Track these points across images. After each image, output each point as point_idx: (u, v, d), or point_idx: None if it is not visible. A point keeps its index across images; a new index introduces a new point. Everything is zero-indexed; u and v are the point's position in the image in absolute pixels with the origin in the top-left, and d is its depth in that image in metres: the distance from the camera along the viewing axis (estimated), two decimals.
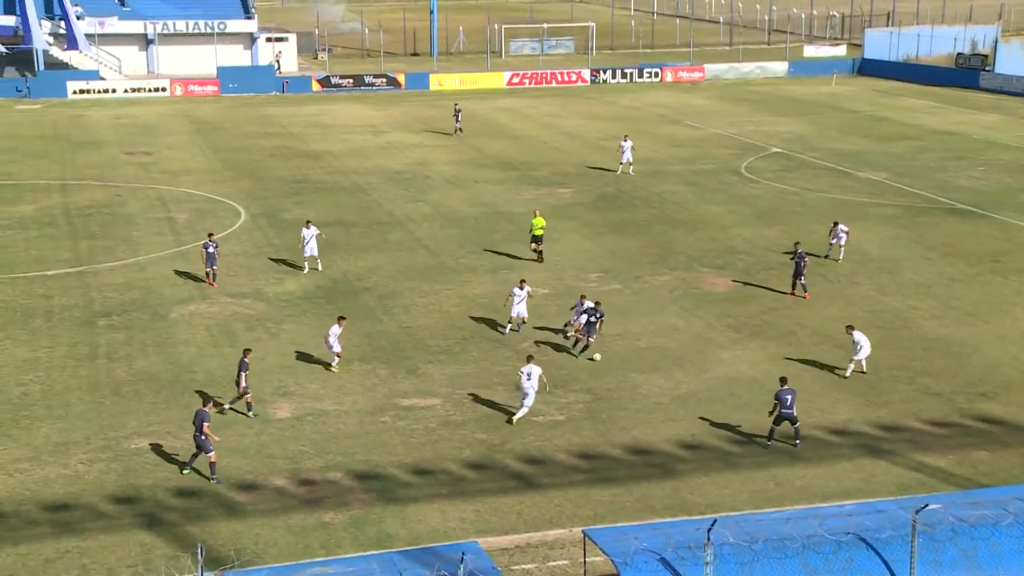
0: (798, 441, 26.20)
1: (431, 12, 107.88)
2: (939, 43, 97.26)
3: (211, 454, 24.64)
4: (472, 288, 38.39)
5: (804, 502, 23.21)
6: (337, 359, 30.95)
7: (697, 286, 38.36)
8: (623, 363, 31.56)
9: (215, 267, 38.51)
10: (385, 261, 41.60)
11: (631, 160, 56.23)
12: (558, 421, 27.92)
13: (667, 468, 25.42)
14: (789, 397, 25.83)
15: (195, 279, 38.88)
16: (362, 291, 38.09)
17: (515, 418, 27.74)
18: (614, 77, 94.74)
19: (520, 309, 33.60)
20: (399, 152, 63.50)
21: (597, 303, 32.36)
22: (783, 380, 26.42)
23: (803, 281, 36.65)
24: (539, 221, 40.90)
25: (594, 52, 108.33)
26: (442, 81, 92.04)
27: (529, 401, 27.69)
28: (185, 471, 24.93)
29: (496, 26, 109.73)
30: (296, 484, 24.68)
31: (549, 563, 21.53)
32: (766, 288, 37.89)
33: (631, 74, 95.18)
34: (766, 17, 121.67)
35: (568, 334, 33.02)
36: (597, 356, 31.68)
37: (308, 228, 39.86)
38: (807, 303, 36.27)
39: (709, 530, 17.46)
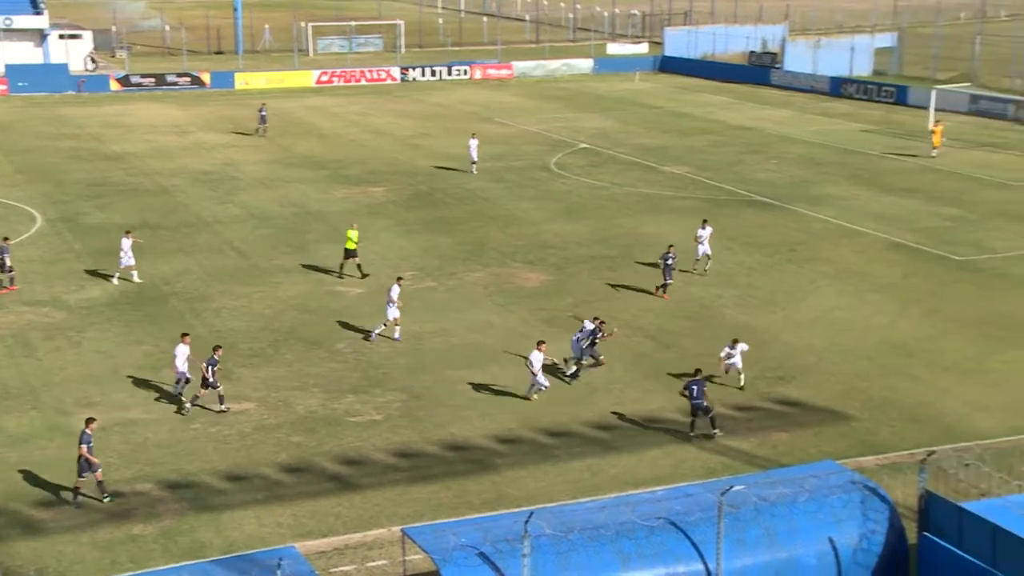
0: (716, 432, 26.45)
1: (235, 10, 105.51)
2: (733, 41, 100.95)
3: (97, 472, 23.29)
4: (285, 289, 37.78)
5: (618, 490, 23.73)
6: (185, 386, 28.69)
7: (510, 281, 38.74)
8: (439, 360, 31.60)
9: (3, 273, 36.72)
10: (194, 264, 40.50)
11: (475, 159, 56.02)
12: (375, 421, 27.76)
13: (485, 463, 25.59)
14: (695, 387, 26.23)
15: None
16: (170, 296, 36.99)
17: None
18: (423, 75, 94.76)
19: (394, 311, 32.82)
20: (206, 152, 61.93)
21: (599, 322, 30.64)
22: (696, 372, 26.92)
23: (668, 282, 36.82)
24: (354, 234, 38.90)
25: (403, 50, 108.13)
26: (248, 80, 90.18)
27: (538, 381, 28.28)
28: (74, 500, 23.41)
29: (303, 24, 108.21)
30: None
31: (368, 564, 21.38)
32: (578, 282, 38.56)
33: (440, 72, 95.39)
34: (571, 15, 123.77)
35: (567, 372, 30.32)
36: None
37: (127, 238, 38.30)
38: (619, 296, 37.06)
39: (526, 522, 17.65)
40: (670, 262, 36.63)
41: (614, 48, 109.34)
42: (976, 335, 32.92)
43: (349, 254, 38.85)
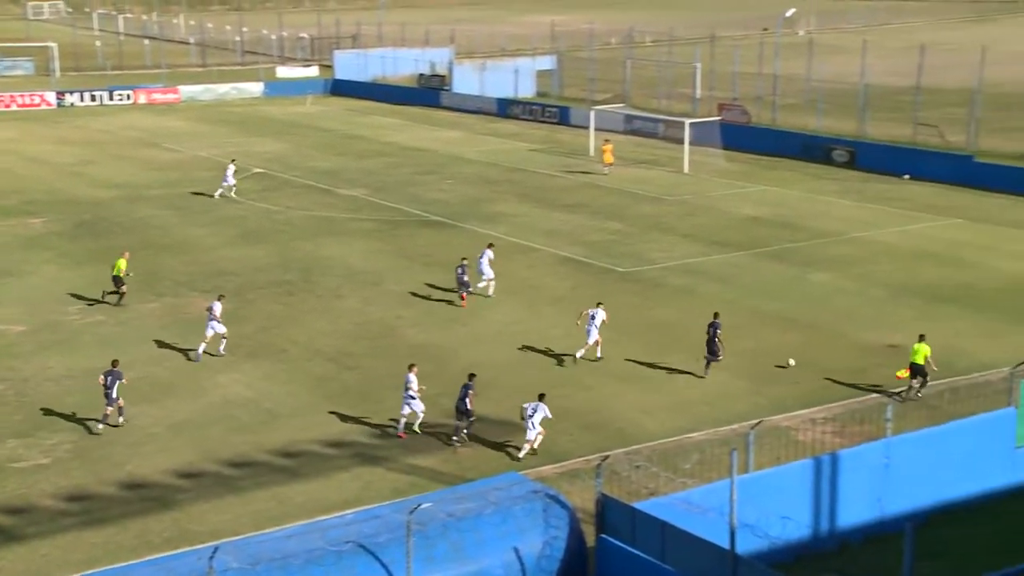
0: (456, 439, 27.33)
1: None
2: (402, 64, 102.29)
3: None
4: None
5: (306, 517, 23.37)
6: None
7: (187, 311, 37.47)
8: None
9: None
10: None
11: (235, 183, 54.67)
12: (42, 465, 26.06)
13: (165, 500, 24.58)
14: (462, 391, 27.30)
15: None
16: None
17: (416, 424, 27.97)
18: (82, 100, 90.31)
19: (220, 326, 33.24)
20: None
21: (716, 314, 32.44)
22: (470, 376, 27.97)
23: (469, 290, 38.10)
24: (122, 263, 37.94)
25: (58, 74, 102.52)
26: None
27: (410, 409, 27.71)
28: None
29: None
30: None
31: None
32: (258, 307, 37.81)
33: (101, 96, 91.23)
34: (237, 38, 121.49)
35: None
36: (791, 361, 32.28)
37: None
38: (301, 320, 36.61)
39: (211, 558, 17.09)
40: (465, 278, 38.02)
41: (284, 71, 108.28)
42: (640, 342, 34.82)
43: (117, 282, 37.64)
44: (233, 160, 57.65)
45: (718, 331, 31.84)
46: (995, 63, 73.31)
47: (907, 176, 59.57)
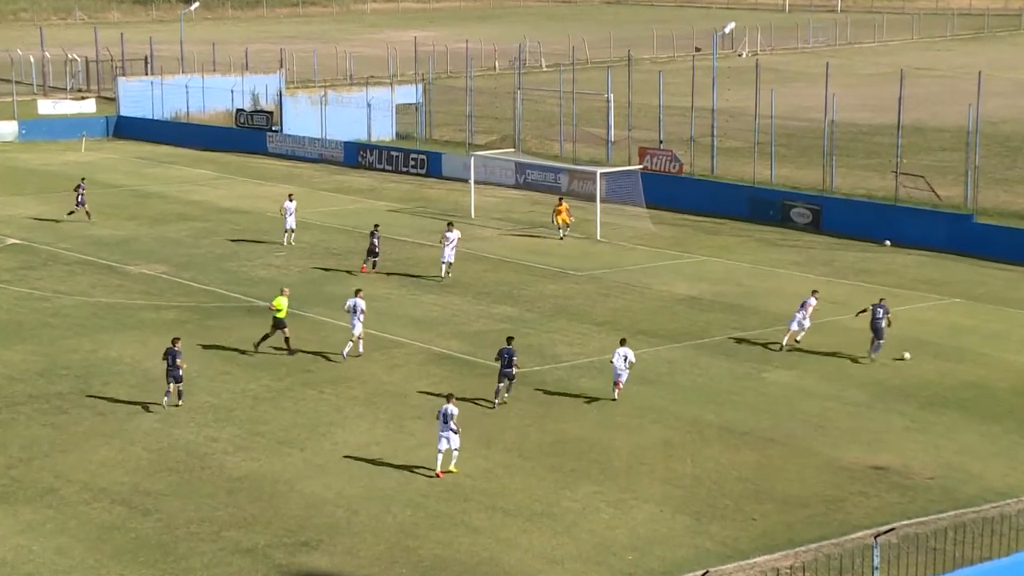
0: (497, 401, 38.50)
1: None
2: (214, 96, 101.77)
3: None
4: None
5: None
6: None
7: None
8: None
9: None
10: None
11: (294, 227, 62.31)
12: None
13: None
14: (507, 356, 38.33)
15: None
16: None
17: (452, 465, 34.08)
18: None
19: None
20: None
21: (881, 298, 44.68)
22: (509, 339, 39.07)
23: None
24: (284, 300, 44.26)
25: None
26: None
27: (447, 445, 33.94)
28: None
29: None
30: None
31: None
32: (12, 432, 37.11)
33: None
34: None
35: None
36: (907, 355, 43.54)
37: None
38: (77, 448, 35.96)
39: None
40: (377, 247, 53.81)
41: (47, 106, 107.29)
42: (543, 467, 34.94)
43: (278, 323, 44.01)
44: (291, 195, 63.65)
45: (888, 313, 43.43)
46: (996, 94, 76.32)
47: (888, 242, 61.35)
